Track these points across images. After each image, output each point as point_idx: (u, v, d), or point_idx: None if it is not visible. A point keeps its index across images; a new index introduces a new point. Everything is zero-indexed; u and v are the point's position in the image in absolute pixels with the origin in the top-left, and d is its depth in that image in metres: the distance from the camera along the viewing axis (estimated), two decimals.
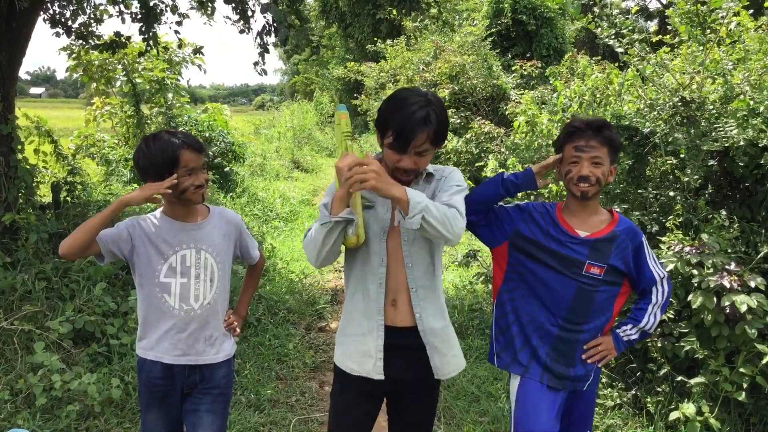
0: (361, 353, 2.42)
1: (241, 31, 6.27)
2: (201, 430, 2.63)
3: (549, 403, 2.58)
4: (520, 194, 3.05)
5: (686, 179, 4.52)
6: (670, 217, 4.44)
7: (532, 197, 5.56)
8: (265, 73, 6.43)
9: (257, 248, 2.89)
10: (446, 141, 2.31)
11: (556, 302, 2.54)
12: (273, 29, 5.78)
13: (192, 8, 6.83)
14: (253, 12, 6.24)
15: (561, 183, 2.74)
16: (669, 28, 5.74)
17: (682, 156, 4.62)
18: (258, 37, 5.86)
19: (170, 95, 10.21)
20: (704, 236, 4.09)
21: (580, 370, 2.57)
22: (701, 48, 5.12)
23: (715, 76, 4.93)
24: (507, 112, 9.26)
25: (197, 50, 8.40)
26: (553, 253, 2.54)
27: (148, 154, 2.45)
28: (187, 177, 2.47)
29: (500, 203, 2.72)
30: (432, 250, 2.41)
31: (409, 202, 2.05)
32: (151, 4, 6.24)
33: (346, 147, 2.30)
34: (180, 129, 10.04)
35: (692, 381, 3.91)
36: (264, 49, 5.96)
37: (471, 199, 2.62)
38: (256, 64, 6.13)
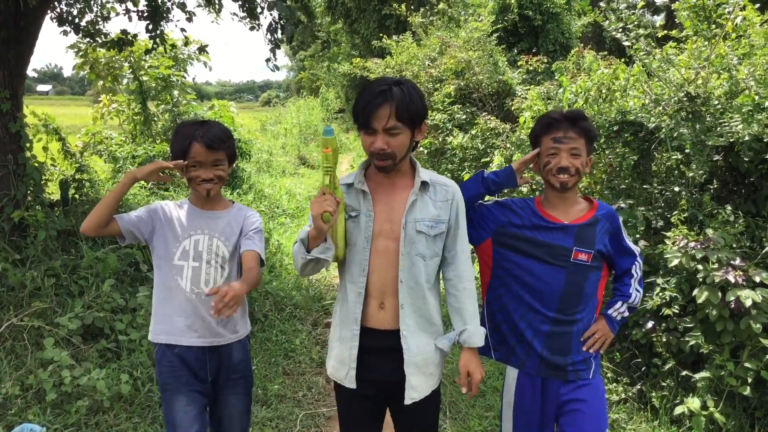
0: (339, 360, 2.45)
1: (252, 28, 6.29)
2: (228, 412, 2.71)
3: (546, 397, 2.60)
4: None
5: (691, 174, 4.52)
6: (675, 212, 4.45)
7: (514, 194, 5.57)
8: (278, 69, 6.47)
9: (260, 251, 2.68)
10: (427, 120, 2.29)
11: (548, 293, 2.54)
12: (280, 26, 5.81)
13: (199, 5, 6.85)
14: (262, 9, 6.27)
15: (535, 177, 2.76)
16: (676, 22, 5.74)
17: (687, 151, 4.62)
18: (268, 34, 5.89)
19: (176, 92, 10.25)
20: (709, 231, 4.10)
21: (578, 356, 2.58)
22: (707, 43, 5.12)
23: (721, 71, 4.93)
24: (513, 108, 9.25)
25: (202, 48, 8.43)
26: (540, 243, 2.55)
27: (173, 138, 2.62)
28: (194, 168, 2.56)
29: (480, 201, 2.73)
30: (427, 263, 2.39)
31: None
32: (159, 1, 6.27)
33: (325, 181, 2.24)
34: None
35: (697, 376, 3.93)
36: (275, 45, 5.98)
37: None
38: (268, 60, 6.17)
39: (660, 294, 4.17)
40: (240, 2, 6.22)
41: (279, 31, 5.81)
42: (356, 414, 2.51)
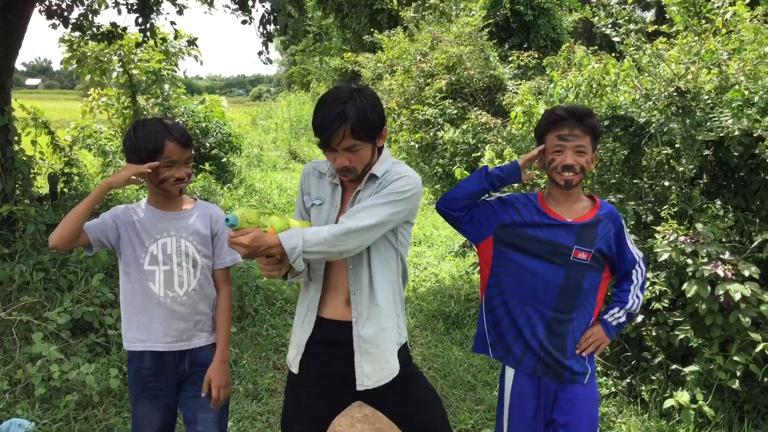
0: (294, 344, 2.47)
1: (244, 22, 6.26)
2: (201, 415, 2.65)
3: (541, 397, 2.59)
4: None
5: (681, 169, 4.54)
6: (665, 206, 4.46)
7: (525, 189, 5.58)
8: (270, 62, 6.45)
9: (231, 257, 2.71)
10: (377, 131, 2.24)
11: (545, 291, 2.53)
12: (272, 18, 5.78)
13: None
14: (254, 1, 6.24)
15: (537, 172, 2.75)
16: (666, 17, 5.75)
17: (677, 146, 4.64)
18: (261, 26, 5.86)
19: (167, 86, 10.19)
20: (699, 226, 4.12)
21: (577, 366, 2.57)
22: (697, 38, 5.13)
23: (711, 67, 4.95)
24: (504, 103, 9.27)
25: (192, 42, 8.38)
26: (540, 240, 2.54)
27: (135, 139, 2.47)
28: (167, 168, 2.48)
29: (483, 198, 2.70)
30: (372, 257, 2.36)
31: (285, 251, 2.08)
32: None
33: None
34: (177, 119, 10.05)
35: (686, 369, 3.95)
36: (268, 38, 5.96)
37: (455, 196, 2.63)
38: (260, 53, 6.14)
39: (650, 288, 4.18)
40: None
41: (272, 23, 5.79)
42: (299, 400, 2.50)
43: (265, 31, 5.83)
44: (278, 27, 5.75)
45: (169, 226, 2.60)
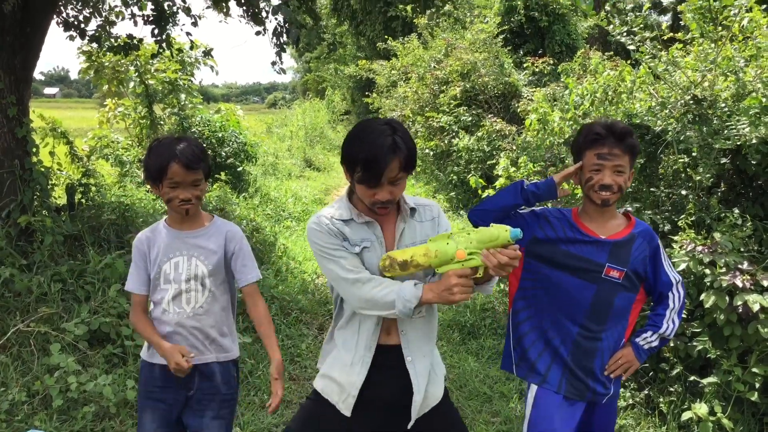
0: (339, 384, 2.39)
1: (257, 33, 6.31)
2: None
3: (566, 416, 2.56)
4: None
5: (698, 178, 4.50)
6: (683, 215, 4.42)
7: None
8: (284, 72, 6.48)
9: (255, 272, 2.72)
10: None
11: (575, 308, 2.51)
12: (285, 30, 5.81)
13: (208, 7, 6.87)
14: (267, 13, 6.28)
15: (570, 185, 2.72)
16: (682, 23, 5.72)
17: (694, 154, 4.60)
18: (274, 37, 5.90)
19: (183, 96, 10.26)
20: (717, 235, 4.07)
21: (600, 388, 2.54)
22: (713, 45, 5.09)
23: (727, 74, 4.91)
24: (519, 110, 9.25)
25: (207, 52, 8.44)
26: (572, 256, 2.52)
27: (147, 158, 2.54)
28: (171, 189, 2.50)
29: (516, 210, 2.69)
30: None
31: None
32: (165, 5, 6.28)
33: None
34: (193, 129, 10.12)
35: (705, 381, 3.91)
36: (281, 49, 5.99)
37: (488, 208, 2.61)
38: (273, 63, 6.18)
39: None
40: (244, 7, 6.23)
41: (284, 35, 5.82)
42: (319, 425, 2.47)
43: (278, 42, 5.86)
44: (290, 40, 5.77)
45: (181, 246, 2.64)
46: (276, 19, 5.80)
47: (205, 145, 9.92)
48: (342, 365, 2.39)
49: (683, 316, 4.02)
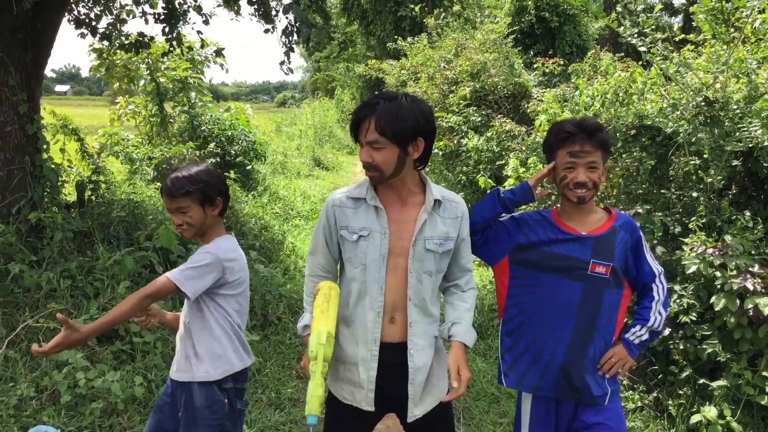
0: (352, 383, 2.41)
1: (266, 31, 6.31)
2: None
3: (560, 423, 2.56)
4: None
5: (710, 180, 4.47)
6: (693, 218, 4.40)
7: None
8: (292, 72, 6.49)
9: (170, 276, 2.52)
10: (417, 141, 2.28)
11: (563, 309, 2.48)
12: (295, 29, 5.81)
13: (219, 5, 6.89)
14: (277, 12, 6.28)
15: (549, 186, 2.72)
16: (693, 24, 5.68)
17: (705, 156, 4.57)
18: (283, 36, 5.90)
19: (193, 94, 10.30)
20: (728, 238, 4.05)
21: (596, 388, 2.51)
22: (725, 47, 5.06)
23: (740, 76, 4.87)
24: (528, 111, 9.21)
25: (218, 52, 8.46)
26: (556, 256, 2.50)
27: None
28: (172, 215, 2.66)
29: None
30: (433, 279, 2.42)
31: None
32: (176, 3, 6.30)
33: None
34: (203, 127, 10.14)
35: (714, 384, 3.88)
36: (289, 49, 5.99)
37: (472, 221, 2.58)
38: (282, 63, 6.18)
39: (677, 301, 4.12)
40: (255, 6, 6.24)
41: (295, 34, 5.82)
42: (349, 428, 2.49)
43: (287, 42, 5.87)
44: (301, 39, 5.78)
45: None
46: (287, 17, 5.80)
47: (214, 143, 10.00)
48: (351, 362, 2.41)
49: (693, 317, 4.01)
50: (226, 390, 2.66)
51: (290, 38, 5.84)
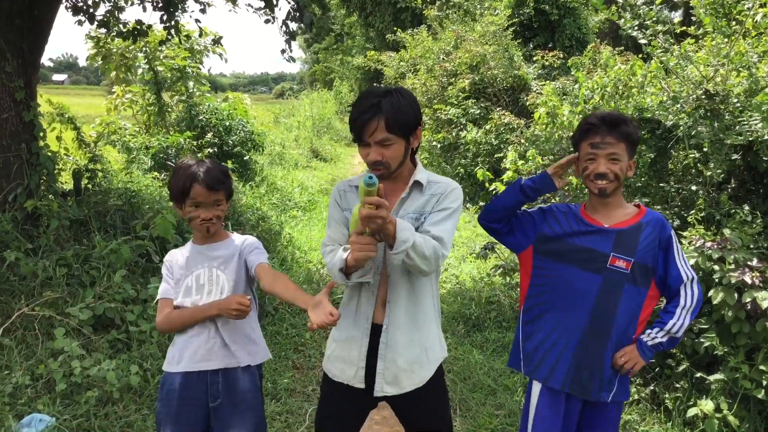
0: (345, 361, 2.44)
1: (267, 21, 6.28)
2: None
3: (567, 417, 2.56)
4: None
5: (709, 173, 4.46)
6: (692, 211, 4.39)
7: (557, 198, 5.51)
8: (293, 60, 6.48)
9: (264, 257, 2.71)
10: (417, 127, 2.29)
11: (581, 301, 2.48)
12: (297, 15, 5.80)
13: None
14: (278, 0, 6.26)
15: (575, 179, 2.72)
16: (693, 18, 5.66)
17: (705, 150, 4.56)
18: (284, 25, 5.88)
19: (191, 83, 10.26)
20: (726, 231, 4.04)
21: (606, 386, 2.51)
22: (726, 40, 5.03)
23: (740, 69, 4.85)
24: (528, 104, 9.19)
25: (216, 40, 8.41)
26: (577, 248, 2.50)
27: (171, 178, 2.64)
28: (194, 209, 2.58)
29: (523, 208, 2.70)
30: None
31: (396, 239, 2.07)
32: None
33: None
34: (200, 117, 10.10)
35: (711, 378, 3.88)
36: (291, 36, 5.98)
37: (492, 208, 2.64)
38: (283, 51, 6.17)
39: None
40: None
41: (297, 20, 5.81)
42: (341, 409, 2.52)
43: (288, 30, 5.84)
44: (303, 24, 5.76)
45: (203, 258, 2.69)
46: (289, 3, 5.78)
47: (211, 133, 9.96)
48: (346, 340, 2.45)
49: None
50: (260, 375, 2.79)
51: (291, 26, 5.82)
